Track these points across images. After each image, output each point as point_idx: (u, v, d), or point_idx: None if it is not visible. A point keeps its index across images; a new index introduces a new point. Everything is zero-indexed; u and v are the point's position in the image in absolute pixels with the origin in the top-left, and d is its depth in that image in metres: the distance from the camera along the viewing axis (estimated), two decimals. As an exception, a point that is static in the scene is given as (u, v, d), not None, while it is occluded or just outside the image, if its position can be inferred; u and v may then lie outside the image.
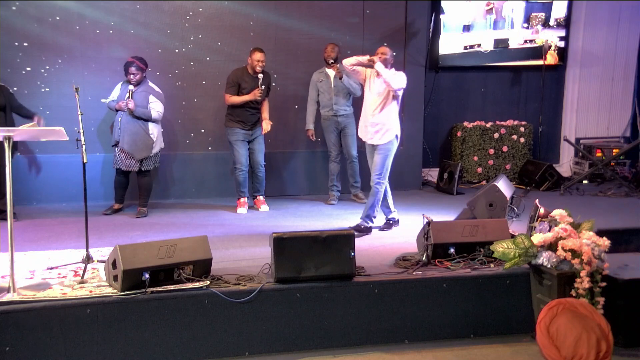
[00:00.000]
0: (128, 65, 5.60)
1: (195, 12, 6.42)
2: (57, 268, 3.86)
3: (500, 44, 7.73)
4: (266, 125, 5.94)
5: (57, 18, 6.03)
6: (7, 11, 5.90)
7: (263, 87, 5.79)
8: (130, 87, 5.58)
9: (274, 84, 6.38)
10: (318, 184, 6.83)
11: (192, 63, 6.47)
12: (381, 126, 5.12)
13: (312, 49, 6.70)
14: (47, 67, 6.01)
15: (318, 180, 6.84)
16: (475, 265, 3.91)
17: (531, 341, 3.65)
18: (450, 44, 7.58)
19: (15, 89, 5.64)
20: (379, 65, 5.00)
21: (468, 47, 7.64)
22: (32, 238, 4.67)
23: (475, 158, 7.62)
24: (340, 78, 6.14)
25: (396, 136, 5.18)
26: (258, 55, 5.75)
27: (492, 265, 3.91)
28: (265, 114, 5.98)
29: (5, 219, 3.53)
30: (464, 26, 7.62)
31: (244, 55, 6.00)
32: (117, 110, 5.62)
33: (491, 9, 7.60)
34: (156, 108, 5.68)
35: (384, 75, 4.96)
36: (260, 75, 5.76)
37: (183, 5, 6.37)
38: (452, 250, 3.99)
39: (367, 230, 4.98)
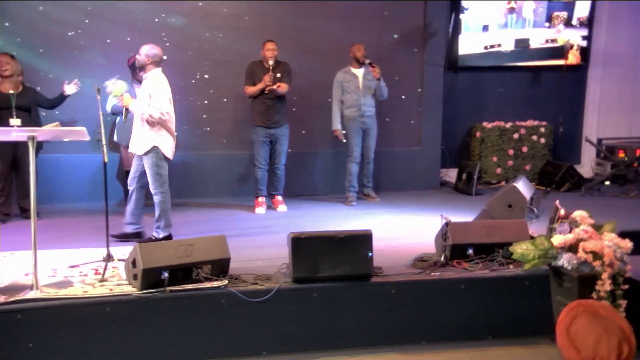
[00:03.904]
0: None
1: (213, 12, 6.48)
2: (79, 266, 3.92)
3: (521, 43, 7.65)
4: (277, 85, 5.81)
5: (77, 19, 6.12)
6: (32, 13, 6.01)
7: (277, 74, 5.80)
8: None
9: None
10: (335, 185, 6.83)
11: (209, 63, 6.53)
12: None
13: (329, 49, 6.71)
14: (66, 66, 6.09)
15: (335, 180, 6.84)
16: (494, 267, 3.88)
17: (550, 343, 3.60)
18: (470, 44, 7.53)
19: (38, 88, 5.74)
20: None
21: (488, 47, 7.57)
22: (54, 236, 4.74)
23: (495, 158, 7.55)
24: (379, 80, 6.16)
25: None
26: (269, 45, 5.84)
27: (510, 267, 3.88)
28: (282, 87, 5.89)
29: (29, 218, 3.60)
30: (485, 26, 7.56)
31: (261, 56, 6.03)
32: (117, 114, 5.62)
33: (512, 8, 7.52)
34: None
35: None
36: (271, 62, 5.78)
37: (200, 5, 6.43)
38: (470, 251, 3.96)
39: None
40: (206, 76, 6.56)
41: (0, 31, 5.97)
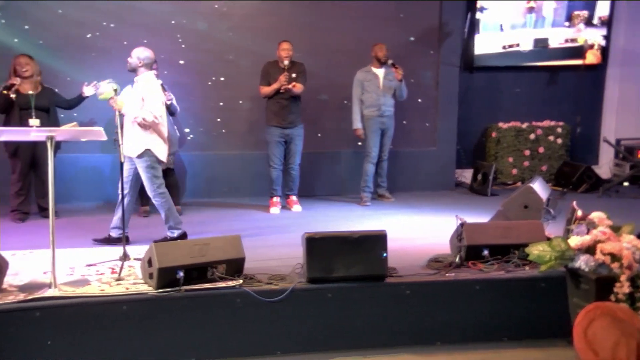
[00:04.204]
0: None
1: (230, 13, 6.51)
2: (96, 265, 3.96)
3: (540, 43, 7.56)
4: (293, 85, 5.81)
5: (95, 21, 6.19)
6: (51, 16, 6.08)
7: (293, 75, 5.81)
8: (160, 81, 5.66)
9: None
10: (349, 185, 6.83)
11: (225, 64, 6.56)
12: None
13: (344, 50, 6.71)
14: (84, 68, 6.16)
15: (349, 181, 6.84)
16: (509, 268, 3.85)
17: (567, 346, 3.57)
18: (488, 43, 7.47)
19: (56, 90, 5.81)
20: None
21: (507, 47, 7.51)
22: (71, 235, 4.80)
23: (510, 159, 7.49)
24: (400, 81, 6.16)
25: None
26: (284, 45, 5.86)
27: (526, 268, 3.84)
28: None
29: (48, 217, 3.65)
30: (503, 25, 7.49)
31: (276, 56, 6.04)
32: None
33: (531, 7, 7.45)
34: (175, 103, 5.81)
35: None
36: (287, 62, 5.80)
37: (218, 6, 6.46)
38: (485, 252, 3.94)
39: None
40: (222, 78, 6.59)
41: (21, 34, 6.05)
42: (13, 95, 5.31)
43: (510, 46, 7.52)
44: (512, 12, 7.46)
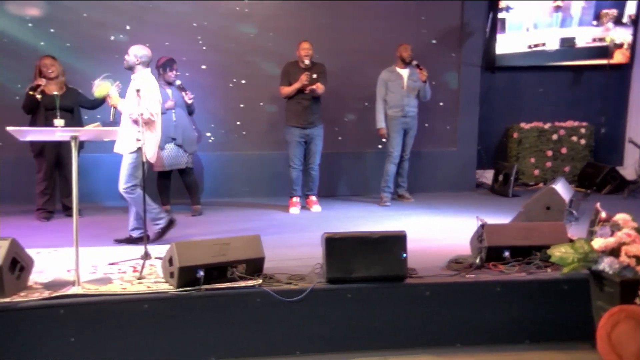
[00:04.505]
0: (170, 62, 5.72)
1: (250, 14, 6.55)
2: (118, 264, 4.01)
3: (567, 42, 7.44)
4: (316, 86, 5.81)
5: (118, 24, 6.28)
6: (77, 18, 6.18)
7: (314, 75, 5.83)
8: (178, 81, 5.72)
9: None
10: (369, 185, 6.82)
11: (246, 64, 6.60)
12: None
13: (364, 50, 6.71)
14: (108, 69, 6.23)
15: (369, 181, 6.83)
16: (531, 270, 3.80)
17: (590, 349, 3.51)
18: (513, 43, 7.37)
19: (80, 90, 5.90)
20: None
21: (532, 46, 7.42)
22: (94, 234, 4.88)
23: (532, 160, 7.41)
24: (425, 82, 6.14)
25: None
26: (304, 45, 5.87)
27: (548, 270, 3.79)
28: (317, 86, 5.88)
29: (71, 216, 3.71)
30: (529, 25, 7.39)
31: (296, 56, 6.06)
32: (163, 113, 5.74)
33: (558, 6, 7.34)
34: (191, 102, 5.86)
35: None
36: (307, 62, 5.81)
37: (238, 6, 6.50)
38: (506, 253, 3.89)
39: None
40: (243, 81, 6.62)
41: (47, 36, 6.15)
42: (39, 96, 5.41)
43: (536, 45, 7.42)
44: (538, 11, 7.35)
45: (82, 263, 3.65)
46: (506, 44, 7.37)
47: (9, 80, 6.09)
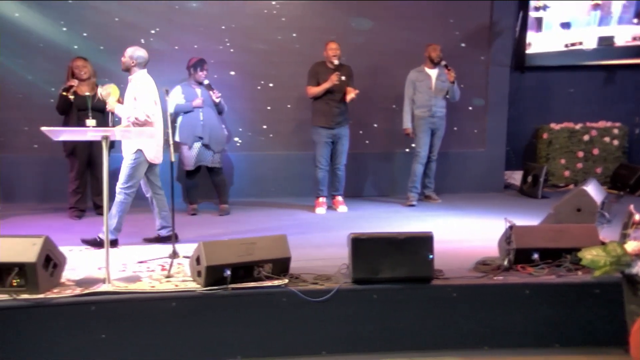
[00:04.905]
0: (201, 62, 5.78)
1: (278, 14, 6.58)
2: (146, 262, 4.07)
3: (605, 41, 7.27)
4: (349, 96, 5.80)
5: (147, 24, 6.37)
6: (109, 21, 6.30)
7: (343, 77, 5.84)
8: (206, 80, 5.77)
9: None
10: (395, 186, 6.79)
11: (272, 64, 6.64)
12: None
13: (392, 51, 6.68)
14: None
15: (396, 182, 6.80)
16: (561, 272, 3.73)
17: (623, 355, 3.44)
18: (549, 41, 7.25)
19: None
20: None
21: (569, 45, 7.28)
22: (124, 232, 4.95)
23: (563, 161, 7.28)
24: (453, 83, 6.10)
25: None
26: (331, 45, 5.87)
27: (579, 273, 3.72)
28: (349, 89, 5.86)
29: (102, 214, 3.78)
30: (566, 23, 7.26)
31: (323, 57, 6.06)
32: (186, 112, 5.78)
33: (597, 4, 7.18)
34: (223, 102, 5.91)
35: None
36: (336, 62, 5.81)
37: (265, 6, 6.54)
38: (535, 255, 3.83)
39: None
40: (271, 84, 6.66)
41: (80, 40, 6.28)
42: (71, 97, 5.54)
43: (573, 44, 7.28)
44: (575, 9, 7.20)
45: (112, 261, 3.71)
46: (542, 43, 7.24)
47: (44, 82, 6.24)
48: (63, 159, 5.82)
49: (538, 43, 7.24)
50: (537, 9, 7.20)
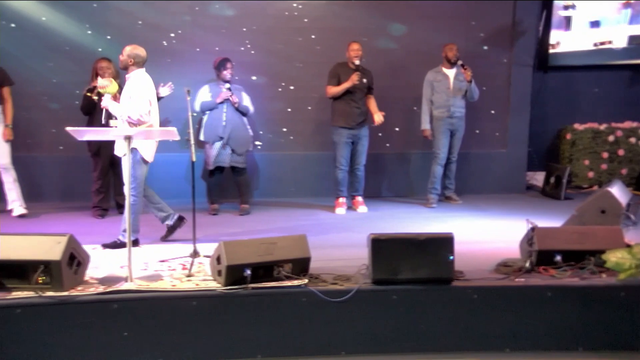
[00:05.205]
0: (225, 61, 5.83)
1: (299, 15, 6.59)
2: (167, 261, 4.12)
3: (635, 40, 7.13)
4: (378, 118, 5.94)
5: (167, 25, 6.44)
6: (132, 24, 6.38)
7: (364, 80, 5.84)
8: (227, 84, 5.81)
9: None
10: (415, 187, 6.76)
11: (293, 65, 6.65)
12: None
13: (414, 51, 6.65)
14: (161, 71, 6.39)
15: (415, 182, 6.76)
16: (585, 275, 3.68)
17: (648, 359, 3.38)
18: (578, 40, 7.14)
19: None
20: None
21: (598, 44, 7.16)
22: (145, 232, 5.00)
23: (587, 162, 7.17)
24: (470, 82, 6.07)
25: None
26: (353, 45, 5.87)
27: (603, 276, 3.66)
28: (373, 108, 5.99)
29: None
30: (594, 22, 7.14)
31: (345, 57, 6.06)
32: (211, 110, 5.84)
33: (628, 3, 7.05)
34: (249, 103, 5.95)
35: None
36: (357, 62, 5.81)
37: (286, 8, 6.56)
38: (558, 257, 3.78)
39: None
40: (291, 87, 6.67)
41: (104, 42, 6.37)
42: (95, 97, 5.62)
43: (602, 43, 7.15)
44: (606, 8, 7.08)
45: (134, 260, 3.76)
46: (571, 42, 7.13)
47: (69, 83, 6.35)
48: (87, 159, 5.91)
49: (567, 42, 7.13)
50: (566, 7, 7.10)
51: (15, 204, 5.73)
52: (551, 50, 7.19)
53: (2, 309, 3.25)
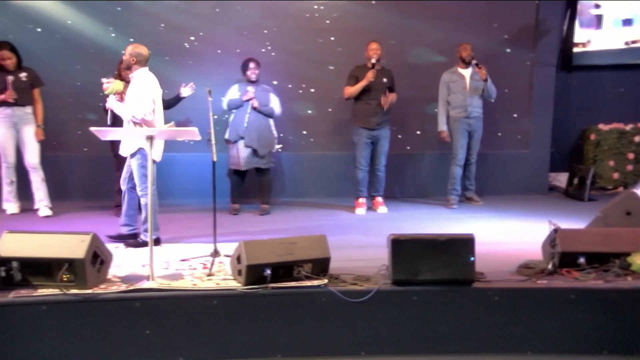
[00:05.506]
0: (247, 62, 5.88)
1: (320, 16, 6.60)
2: (188, 260, 4.15)
3: None
4: (383, 100, 5.84)
5: (189, 26, 6.49)
6: (156, 27, 6.45)
7: (383, 79, 5.82)
8: (249, 87, 5.84)
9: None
10: (435, 187, 6.71)
11: (313, 67, 6.66)
12: None
13: (435, 51, 6.61)
14: (184, 71, 6.46)
15: (436, 183, 6.72)
16: (609, 278, 3.62)
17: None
18: (609, 39, 7.04)
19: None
20: None
21: (630, 43, 7.03)
22: (166, 231, 5.06)
23: (611, 163, 7.05)
24: (485, 80, 6.02)
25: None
26: (372, 45, 5.86)
27: (628, 279, 3.60)
28: (390, 96, 5.93)
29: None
30: (626, 20, 7.02)
31: (365, 59, 6.05)
32: (235, 109, 5.87)
33: None
34: (277, 105, 5.93)
35: None
36: (373, 60, 5.79)
37: (307, 8, 6.57)
38: (581, 259, 3.73)
39: None
40: (312, 89, 6.69)
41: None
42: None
43: (634, 42, 7.02)
44: (635, 5, 6.95)
45: (156, 259, 3.80)
46: (601, 41, 7.00)
47: (94, 85, 6.42)
48: (111, 159, 5.98)
49: (597, 40, 7.01)
50: (597, 6, 6.99)
51: (42, 203, 5.84)
52: (578, 49, 7.09)
53: (29, 306, 3.31)
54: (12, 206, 5.90)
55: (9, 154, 5.77)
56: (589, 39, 7.10)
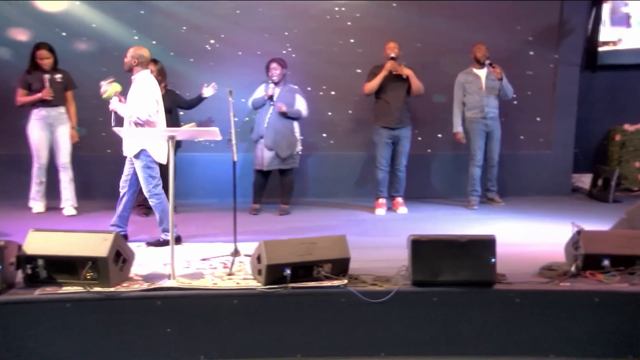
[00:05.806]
0: (269, 62, 5.91)
1: (340, 17, 6.60)
2: (209, 260, 4.18)
3: None
4: (393, 65, 5.82)
5: (208, 26, 6.53)
6: (178, 30, 6.52)
7: (403, 75, 5.82)
8: (271, 86, 5.85)
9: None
10: (456, 188, 6.67)
11: (333, 68, 6.67)
12: None
13: (455, 50, 6.57)
14: (205, 72, 6.51)
15: (456, 183, 6.67)
16: (635, 281, 3.56)
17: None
18: (637, 38, 6.94)
19: (177, 92, 6.20)
20: None
21: None
22: (187, 230, 5.12)
23: (637, 164, 6.93)
24: (500, 80, 5.97)
25: None
26: (390, 44, 5.86)
27: (655, 282, 3.54)
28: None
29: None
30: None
31: (383, 59, 6.03)
32: (259, 108, 5.90)
33: None
34: (303, 106, 5.93)
35: None
36: (393, 55, 5.79)
37: (328, 8, 6.58)
38: (606, 262, 3.67)
39: None
40: (332, 91, 6.68)
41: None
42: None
43: None
44: None
45: (177, 258, 3.84)
46: (631, 39, 6.89)
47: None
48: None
49: (628, 39, 6.89)
50: (627, 4, 6.87)
51: (68, 202, 5.94)
52: (607, 48, 6.98)
53: (54, 303, 3.37)
54: (38, 205, 6.01)
55: (42, 155, 5.89)
56: (620, 38, 6.98)
